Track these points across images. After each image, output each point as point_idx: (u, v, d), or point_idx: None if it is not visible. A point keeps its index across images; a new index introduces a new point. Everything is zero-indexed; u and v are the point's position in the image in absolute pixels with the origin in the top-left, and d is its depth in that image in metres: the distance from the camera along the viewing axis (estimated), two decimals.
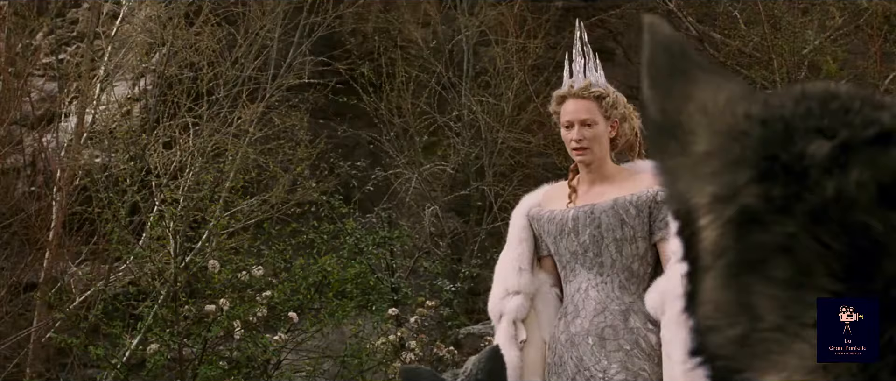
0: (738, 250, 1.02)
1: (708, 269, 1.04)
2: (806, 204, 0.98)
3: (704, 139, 1.05)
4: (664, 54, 1.11)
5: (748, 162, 1.02)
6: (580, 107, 4.63)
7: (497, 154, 11.75)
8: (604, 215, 4.56)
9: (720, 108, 1.06)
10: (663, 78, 1.10)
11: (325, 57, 11.73)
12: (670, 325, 4.37)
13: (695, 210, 1.05)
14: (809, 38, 9.40)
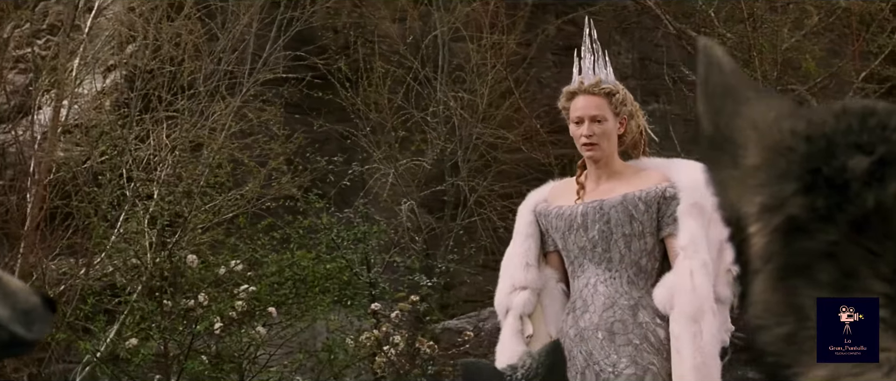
0: (785, 256, 1.09)
1: (757, 272, 1.12)
2: (847, 214, 1.06)
3: (754, 153, 1.13)
4: (717, 74, 1.19)
5: (794, 175, 1.09)
6: (590, 103, 4.68)
7: (472, 150, 11.79)
8: (613, 210, 4.61)
9: (769, 124, 1.14)
10: (716, 96, 1.18)
11: (300, 52, 11.72)
12: (680, 320, 4.42)
13: (744, 218, 1.13)
14: (785, 37, 9.51)
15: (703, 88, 1.21)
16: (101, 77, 11.43)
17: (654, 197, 4.59)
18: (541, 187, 4.99)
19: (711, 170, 1.20)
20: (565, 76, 15.71)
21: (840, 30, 10.12)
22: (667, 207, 4.58)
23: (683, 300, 4.42)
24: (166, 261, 9.45)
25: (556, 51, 13.87)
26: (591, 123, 4.65)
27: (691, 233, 4.48)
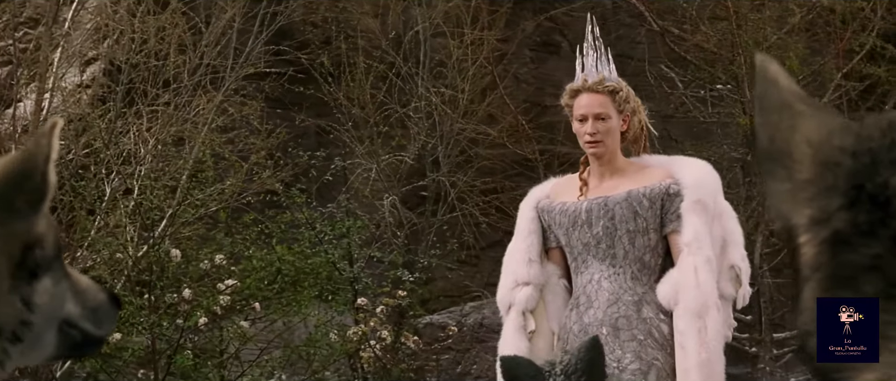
0: (832, 267, 1.13)
1: (807, 280, 1.17)
2: (889, 229, 1.09)
3: (806, 168, 1.17)
4: (774, 90, 1.24)
5: (840, 190, 1.13)
6: (594, 101, 4.70)
7: (453, 145, 11.81)
8: (617, 206, 4.64)
9: (821, 140, 1.18)
10: (773, 111, 1.23)
11: (281, 46, 11.70)
12: (684, 315, 4.46)
13: (795, 229, 1.16)
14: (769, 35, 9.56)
15: (761, 103, 1.25)
16: (78, 71, 11.38)
17: (658, 194, 4.62)
18: (542, 184, 5.01)
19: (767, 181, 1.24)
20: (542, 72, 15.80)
21: (822, 28, 10.19)
22: (670, 203, 4.61)
23: (688, 296, 4.46)
24: (150, 255, 9.42)
25: (534, 47, 13.92)
26: (595, 121, 4.67)
27: (695, 229, 4.52)
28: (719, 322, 4.47)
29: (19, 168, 1.66)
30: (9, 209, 1.63)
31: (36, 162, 1.66)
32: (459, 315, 10.47)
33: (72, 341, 1.73)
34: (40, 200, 1.67)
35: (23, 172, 1.65)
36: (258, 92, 11.32)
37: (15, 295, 1.62)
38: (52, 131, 1.70)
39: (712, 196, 4.62)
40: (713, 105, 11.08)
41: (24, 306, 1.64)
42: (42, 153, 1.67)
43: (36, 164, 1.66)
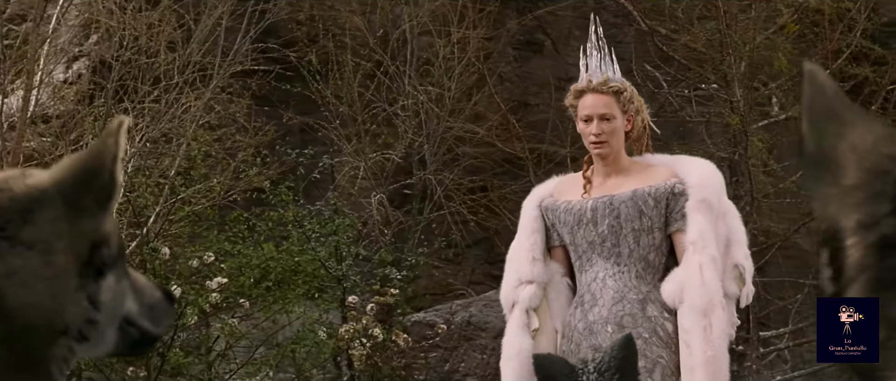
0: (878, 270, 1.19)
1: (852, 281, 1.21)
2: None
3: (853, 174, 1.21)
4: (821, 98, 1.29)
5: (888, 196, 1.18)
6: (599, 102, 4.73)
7: (440, 143, 11.83)
8: (623, 205, 4.67)
9: (868, 148, 1.22)
10: (820, 119, 1.27)
11: (271, 44, 11.70)
12: (690, 314, 4.49)
13: (841, 231, 1.22)
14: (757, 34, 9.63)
15: (808, 111, 1.29)
16: (64, 67, 11.36)
17: (663, 193, 4.66)
18: (545, 182, 5.04)
19: (813, 186, 1.28)
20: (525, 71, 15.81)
21: (809, 28, 10.27)
22: (675, 202, 4.65)
23: (693, 295, 4.50)
24: (141, 252, 9.41)
25: (517, 46, 13.94)
26: (600, 122, 4.71)
27: (700, 228, 4.56)
28: (724, 321, 4.51)
29: (87, 167, 1.67)
30: (77, 208, 1.65)
31: (104, 161, 1.67)
32: (446, 313, 10.49)
33: (130, 339, 1.75)
34: (108, 198, 1.68)
35: (91, 170, 1.66)
36: (245, 90, 11.32)
37: (82, 293, 1.63)
38: (119, 130, 1.71)
39: (717, 195, 4.67)
40: (699, 104, 11.14)
41: (91, 305, 1.65)
42: (110, 152, 1.68)
43: (104, 162, 1.67)
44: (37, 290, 1.59)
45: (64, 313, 1.62)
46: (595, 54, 4.87)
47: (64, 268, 1.61)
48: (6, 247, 1.58)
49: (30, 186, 1.65)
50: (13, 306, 1.56)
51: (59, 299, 1.60)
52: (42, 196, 1.63)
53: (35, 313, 1.59)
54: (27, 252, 1.59)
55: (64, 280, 1.61)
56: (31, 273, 1.58)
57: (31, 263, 1.58)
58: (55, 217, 1.63)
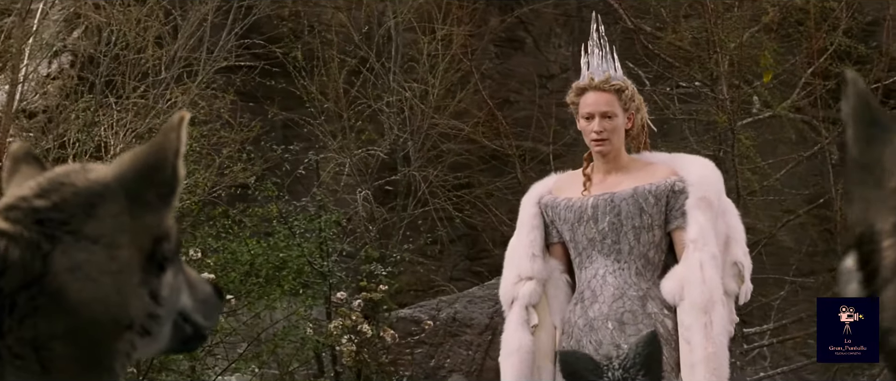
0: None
1: (888, 282, 1.26)
2: None
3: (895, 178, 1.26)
4: (864, 106, 1.34)
5: None
6: (600, 99, 4.77)
7: (424, 139, 11.85)
8: (624, 203, 4.71)
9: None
10: (864, 125, 1.32)
11: (256, 40, 11.69)
12: (690, 311, 4.54)
13: (878, 234, 1.26)
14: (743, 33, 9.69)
15: (853, 118, 1.34)
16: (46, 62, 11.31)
17: (663, 190, 4.70)
18: (544, 179, 5.07)
19: (856, 189, 1.33)
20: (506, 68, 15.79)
21: (794, 27, 10.33)
22: (675, 200, 4.69)
23: (694, 292, 4.54)
24: None
25: (498, 43, 13.97)
26: (602, 120, 4.74)
27: (700, 226, 4.60)
28: (724, 318, 4.56)
29: (150, 162, 1.67)
30: (140, 203, 1.65)
31: (166, 155, 1.67)
32: (431, 309, 10.51)
33: (183, 334, 1.75)
34: (170, 193, 1.68)
35: (153, 165, 1.67)
36: (229, 86, 11.31)
37: (144, 288, 1.63)
38: (181, 124, 1.72)
39: (716, 193, 4.71)
40: (682, 102, 11.19)
41: (152, 300, 1.65)
42: (172, 147, 1.68)
43: (166, 157, 1.67)
44: (102, 284, 1.58)
45: (128, 307, 1.61)
46: (596, 52, 4.91)
47: (128, 263, 1.61)
48: (71, 241, 1.57)
49: (92, 181, 1.65)
50: (78, 300, 1.55)
51: (123, 293, 1.60)
52: (105, 190, 1.63)
53: (100, 307, 1.59)
54: (92, 246, 1.58)
55: (127, 275, 1.61)
56: (95, 268, 1.57)
57: (95, 257, 1.58)
58: (118, 212, 1.63)
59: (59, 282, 1.55)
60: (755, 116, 10.37)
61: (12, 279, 1.52)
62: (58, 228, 1.59)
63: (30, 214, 1.61)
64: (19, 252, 1.54)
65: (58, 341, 1.54)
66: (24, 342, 1.51)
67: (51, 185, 1.65)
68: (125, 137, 10.22)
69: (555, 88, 13.69)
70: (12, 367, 1.49)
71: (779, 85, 10.24)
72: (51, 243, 1.57)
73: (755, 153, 9.61)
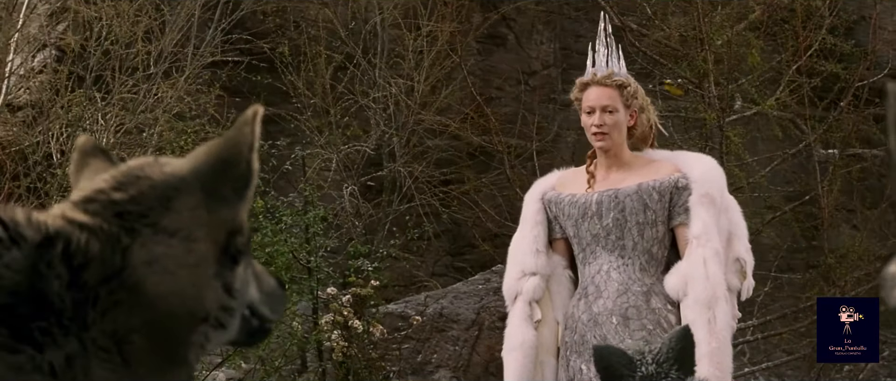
0: None
1: None
2: None
3: None
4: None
5: None
6: (602, 94, 4.81)
7: (410, 135, 11.87)
8: (628, 199, 4.75)
9: None
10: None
11: (237, 35, 11.68)
12: (694, 306, 4.58)
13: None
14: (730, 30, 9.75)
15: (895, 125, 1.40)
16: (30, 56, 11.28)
17: (667, 187, 4.75)
18: (546, 176, 5.11)
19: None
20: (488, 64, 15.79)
21: (780, 25, 10.40)
22: (679, 197, 4.74)
23: (698, 288, 4.59)
24: None
25: (480, 39, 14.01)
26: (603, 113, 4.78)
27: (703, 222, 4.65)
28: (727, 313, 4.61)
29: (224, 156, 1.67)
30: (216, 196, 1.64)
31: (241, 149, 1.67)
32: (417, 305, 10.53)
33: (249, 327, 1.74)
34: (245, 187, 1.68)
35: (228, 159, 1.67)
36: (215, 81, 11.30)
37: (218, 281, 1.64)
38: (255, 118, 1.73)
39: (719, 190, 4.76)
40: (666, 99, 11.24)
41: (226, 293, 1.65)
42: (246, 141, 1.69)
43: (241, 151, 1.67)
44: (179, 277, 1.59)
45: (204, 300, 1.62)
46: (602, 51, 4.95)
47: (204, 256, 1.62)
48: (149, 234, 1.58)
49: (167, 174, 1.65)
50: (155, 293, 1.56)
51: (199, 286, 1.60)
52: (181, 184, 1.63)
53: (178, 300, 1.59)
54: (169, 240, 1.59)
55: (204, 268, 1.62)
56: (173, 261, 1.58)
57: (173, 250, 1.58)
58: (195, 205, 1.63)
59: (137, 276, 1.56)
60: (739, 113, 10.44)
61: (94, 273, 1.52)
62: (136, 220, 1.59)
63: (109, 206, 1.61)
64: (100, 246, 1.55)
65: (137, 334, 1.54)
66: (106, 334, 1.51)
67: (127, 178, 1.66)
68: (111, 131, 10.21)
69: (536, 84, 13.75)
70: (97, 359, 1.50)
71: (765, 82, 10.30)
72: (130, 237, 1.58)
73: (744, 150, 9.68)
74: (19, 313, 1.45)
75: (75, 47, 10.39)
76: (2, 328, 1.44)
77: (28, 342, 1.45)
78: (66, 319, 1.48)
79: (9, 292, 1.46)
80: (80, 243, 1.53)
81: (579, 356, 4.72)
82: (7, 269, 1.47)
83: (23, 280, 1.47)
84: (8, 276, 1.47)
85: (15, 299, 1.46)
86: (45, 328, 1.46)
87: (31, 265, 1.49)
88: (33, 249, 1.50)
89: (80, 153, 1.81)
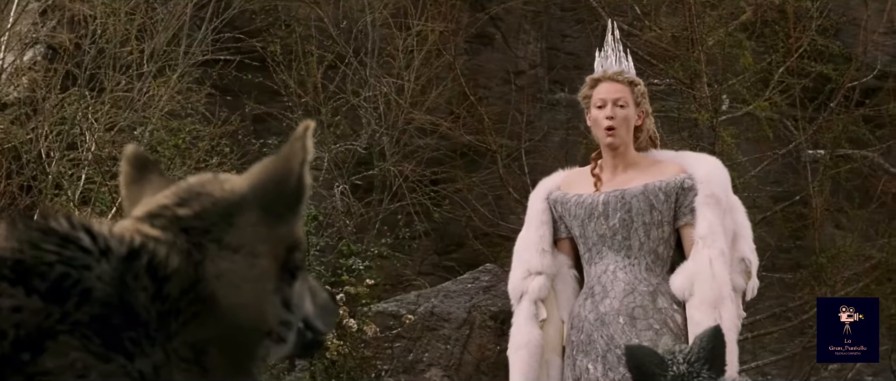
0: None
1: None
2: None
3: None
4: None
5: None
6: (613, 88, 4.85)
7: (400, 134, 11.89)
8: (634, 199, 4.78)
9: None
10: None
11: (228, 34, 11.68)
12: (700, 306, 4.62)
13: None
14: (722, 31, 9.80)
15: None
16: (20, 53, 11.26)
17: (673, 187, 4.78)
18: (551, 176, 5.13)
19: None
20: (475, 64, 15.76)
21: (770, 26, 10.45)
22: (684, 197, 4.77)
23: (704, 288, 4.62)
24: None
25: (468, 39, 14.03)
26: (614, 107, 4.81)
27: (709, 223, 4.69)
28: (733, 313, 4.64)
29: (278, 171, 1.69)
30: (273, 213, 1.66)
31: (292, 165, 1.68)
32: (408, 304, 10.55)
33: (304, 340, 1.75)
34: (297, 202, 1.69)
35: (282, 175, 1.68)
36: (206, 79, 11.29)
37: (277, 296, 1.66)
38: (306, 134, 1.74)
39: (724, 191, 4.80)
40: (654, 99, 11.27)
41: (285, 308, 1.67)
42: (297, 156, 1.70)
43: (292, 167, 1.68)
44: (244, 292, 1.60)
45: (266, 315, 1.64)
46: (611, 54, 4.98)
47: (266, 271, 1.63)
48: (215, 249, 1.60)
49: (227, 191, 1.66)
50: (226, 306, 1.57)
51: (261, 301, 1.62)
52: (241, 201, 1.65)
53: (244, 314, 1.61)
54: (233, 255, 1.60)
55: (265, 283, 1.63)
56: (238, 276, 1.59)
57: (237, 266, 1.60)
58: (255, 222, 1.64)
59: (210, 289, 1.58)
60: (728, 114, 10.48)
61: (175, 285, 1.55)
62: (201, 236, 1.61)
63: (175, 222, 1.63)
64: (179, 259, 1.57)
65: (213, 345, 1.56)
66: (187, 345, 1.53)
67: (189, 194, 1.67)
68: (102, 129, 10.19)
69: (523, 84, 13.78)
70: (179, 369, 1.52)
71: (754, 83, 10.34)
72: (200, 252, 1.60)
73: (736, 150, 9.73)
74: (111, 324, 1.47)
75: (68, 45, 10.36)
76: (95, 337, 1.46)
77: (120, 351, 1.47)
78: (151, 330, 1.51)
79: (101, 303, 1.48)
80: (163, 257, 1.55)
81: (586, 355, 4.75)
82: (99, 281, 1.49)
83: (113, 292, 1.49)
84: (100, 287, 1.49)
85: (107, 309, 1.48)
86: (134, 338, 1.49)
87: (119, 277, 1.51)
88: (120, 261, 1.52)
89: (131, 165, 1.82)
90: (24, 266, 1.48)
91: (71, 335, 1.45)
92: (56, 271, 1.48)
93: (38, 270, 1.48)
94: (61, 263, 1.49)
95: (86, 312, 1.47)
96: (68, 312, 1.46)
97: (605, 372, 4.68)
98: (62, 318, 1.45)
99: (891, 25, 11.60)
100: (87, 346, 1.45)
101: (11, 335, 1.42)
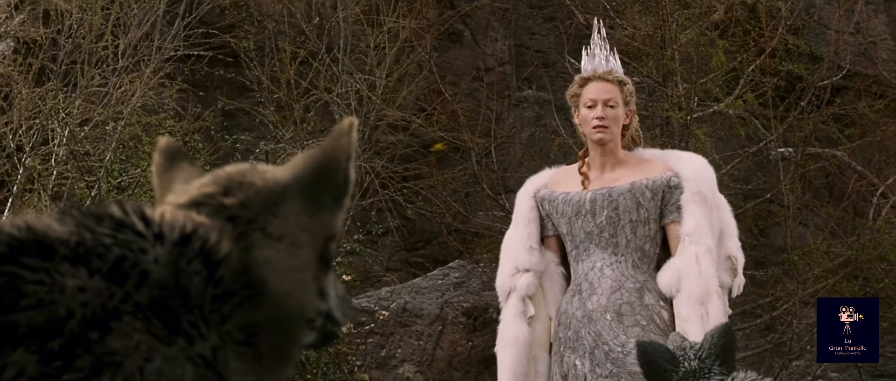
0: None
1: None
2: None
3: None
4: None
5: None
6: (604, 88, 4.90)
7: (372, 130, 11.89)
8: (621, 197, 4.84)
9: None
10: None
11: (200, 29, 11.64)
12: (687, 302, 4.68)
13: None
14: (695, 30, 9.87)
15: None
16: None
17: (659, 185, 4.84)
18: (538, 174, 5.18)
19: None
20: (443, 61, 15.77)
21: (741, 25, 10.53)
22: (671, 195, 4.83)
23: (691, 284, 4.68)
24: None
25: (438, 36, 14.05)
26: (604, 107, 4.86)
27: (696, 220, 4.74)
28: (720, 309, 4.70)
29: (324, 165, 1.72)
30: (316, 204, 1.69)
31: (339, 159, 1.72)
32: (380, 299, 10.57)
33: (325, 331, 1.75)
34: (343, 195, 1.72)
35: (328, 167, 1.71)
36: (177, 74, 11.26)
37: (315, 285, 1.68)
38: (351, 129, 1.77)
39: (711, 189, 4.86)
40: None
41: (320, 297, 1.69)
42: (344, 152, 1.73)
43: (339, 161, 1.72)
44: (288, 280, 1.63)
45: (307, 304, 1.68)
46: (598, 53, 5.02)
47: (307, 261, 1.66)
48: (260, 238, 1.63)
49: (269, 181, 1.69)
50: (275, 293, 1.61)
51: (303, 290, 1.65)
52: (285, 190, 1.67)
53: (289, 302, 1.64)
54: (278, 244, 1.63)
55: (306, 272, 1.66)
56: (282, 264, 1.62)
57: (281, 255, 1.63)
58: (298, 212, 1.67)
59: (260, 274, 1.61)
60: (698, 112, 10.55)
61: (227, 270, 1.57)
62: (246, 225, 1.64)
63: (221, 210, 1.66)
64: (230, 245, 1.59)
65: (263, 330, 1.60)
66: (240, 329, 1.56)
67: (231, 183, 1.70)
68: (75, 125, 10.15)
69: (491, 81, 13.81)
70: (233, 352, 1.55)
71: (725, 82, 10.42)
72: (246, 240, 1.63)
73: (711, 148, 9.80)
74: (169, 307, 1.49)
75: (42, 40, 10.31)
76: (156, 319, 1.47)
77: (180, 334, 1.49)
78: (206, 312, 1.53)
79: (159, 286, 1.50)
80: (214, 242, 1.58)
81: (574, 352, 4.80)
82: (155, 264, 1.51)
83: (169, 275, 1.51)
84: (156, 270, 1.51)
85: (164, 292, 1.50)
86: (192, 322, 1.51)
87: (173, 262, 1.53)
88: (174, 245, 1.55)
89: (163, 156, 1.85)
90: (84, 248, 1.49)
91: (133, 317, 1.46)
92: (113, 253, 1.49)
93: (97, 251, 1.49)
94: (117, 245, 1.51)
95: (145, 294, 1.48)
96: (129, 293, 1.47)
97: (593, 368, 4.73)
98: (124, 299, 1.46)
99: (858, 26, 11.73)
100: (150, 328, 1.47)
101: (79, 314, 1.44)
